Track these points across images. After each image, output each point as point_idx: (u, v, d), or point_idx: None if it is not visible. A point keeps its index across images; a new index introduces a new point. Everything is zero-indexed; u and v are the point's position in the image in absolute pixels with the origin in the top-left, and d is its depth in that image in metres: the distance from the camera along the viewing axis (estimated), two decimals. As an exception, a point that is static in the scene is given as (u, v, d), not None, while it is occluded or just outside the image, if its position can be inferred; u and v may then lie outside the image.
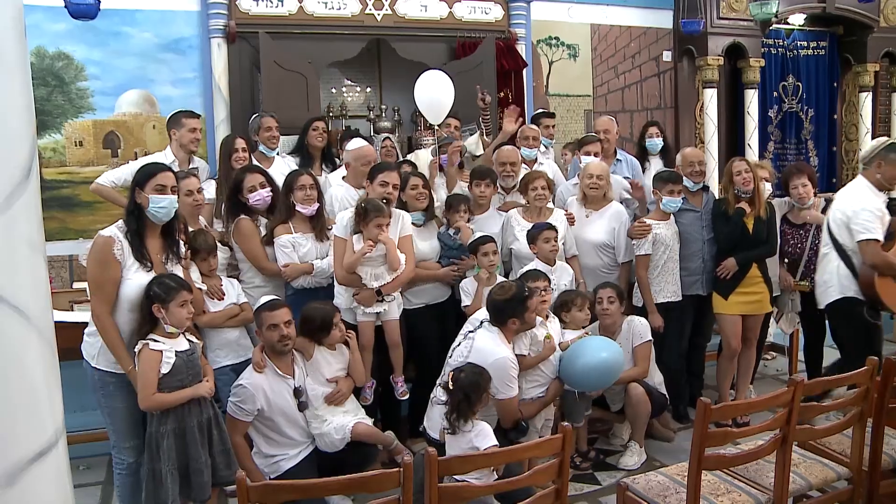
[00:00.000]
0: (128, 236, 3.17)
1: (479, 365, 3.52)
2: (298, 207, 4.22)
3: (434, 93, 4.90)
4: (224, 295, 4.00)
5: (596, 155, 5.17)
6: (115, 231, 3.18)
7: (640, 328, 4.36)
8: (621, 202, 5.08)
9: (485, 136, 5.58)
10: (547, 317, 4.07)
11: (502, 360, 3.65)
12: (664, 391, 4.49)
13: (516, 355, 3.79)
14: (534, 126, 5.53)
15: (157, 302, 3.11)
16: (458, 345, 3.84)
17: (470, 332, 3.83)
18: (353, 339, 3.88)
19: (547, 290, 4.06)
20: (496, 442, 3.25)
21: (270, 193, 4.29)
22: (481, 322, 3.83)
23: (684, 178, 4.82)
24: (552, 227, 4.45)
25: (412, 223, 4.33)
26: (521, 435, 3.73)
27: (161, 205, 3.18)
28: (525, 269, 4.36)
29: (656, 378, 4.46)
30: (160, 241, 3.30)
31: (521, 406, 3.83)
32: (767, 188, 5.03)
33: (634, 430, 4.40)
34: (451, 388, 3.31)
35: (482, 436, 3.26)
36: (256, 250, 4.25)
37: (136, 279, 3.16)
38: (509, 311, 3.74)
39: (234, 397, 3.63)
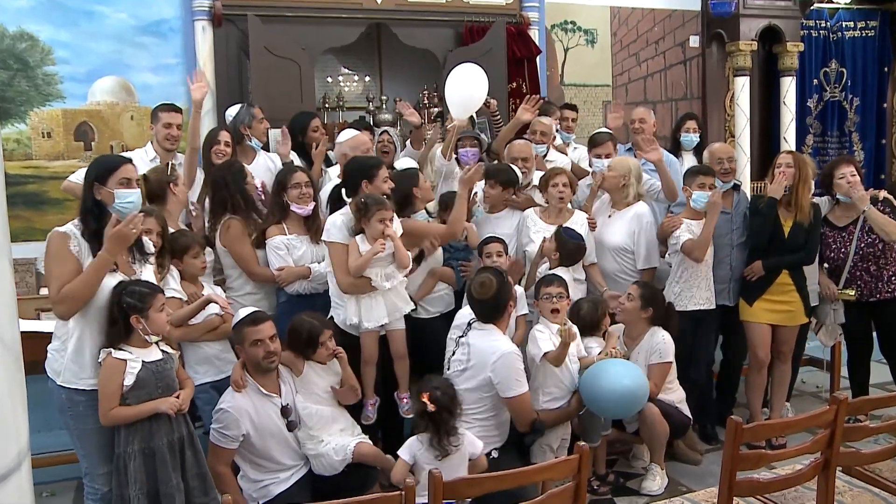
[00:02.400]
0: (85, 236, 3.13)
1: (438, 377, 3.65)
2: (294, 207, 4.24)
3: (470, 88, 4.83)
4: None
5: (608, 157, 5.10)
6: (70, 228, 3.15)
7: (662, 346, 4.31)
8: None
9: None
10: (565, 323, 4.04)
11: (508, 355, 3.72)
12: (687, 410, 4.45)
13: (544, 353, 3.94)
14: (544, 119, 5.48)
15: (133, 312, 3.09)
16: (453, 354, 3.89)
17: (460, 337, 3.89)
18: (343, 355, 3.86)
19: (562, 296, 4.08)
20: (480, 442, 3.50)
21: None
22: (469, 323, 3.89)
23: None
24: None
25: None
26: (538, 435, 3.80)
27: (129, 199, 3.14)
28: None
29: (676, 396, 4.42)
30: None
31: (541, 415, 3.89)
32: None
33: (653, 452, 4.37)
34: (432, 410, 3.33)
35: (471, 443, 3.46)
36: (248, 253, 4.26)
37: (105, 283, 3.12)
38: (500, 306, 3.84)
39: (216, 423, 3.59)
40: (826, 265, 5.05)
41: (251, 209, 4.37)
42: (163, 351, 3.23)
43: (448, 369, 3.89)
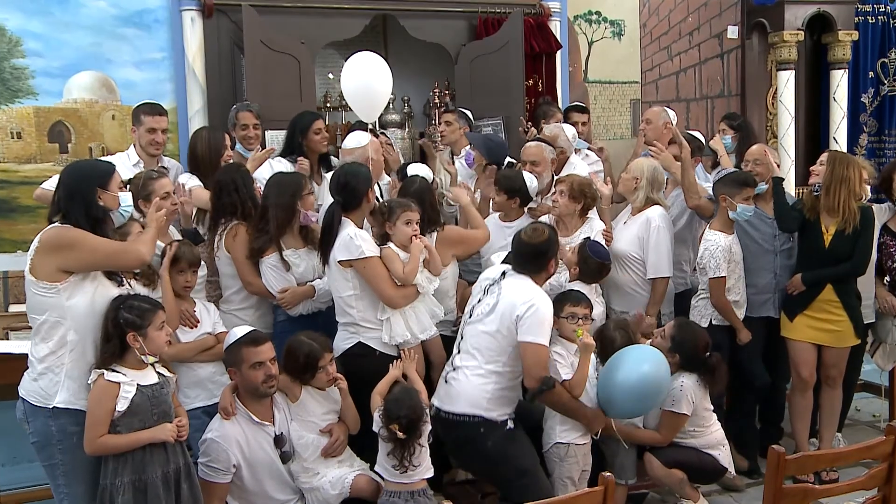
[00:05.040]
0: None
1: (406, 395, 3.68)
2: (311, 216, 4.29)
3: (366, 80, 4.90)
4: (198, 322, 4.01)
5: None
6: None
7: (677, 393, 4.21)
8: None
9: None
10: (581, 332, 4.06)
11: (545, 306, 3.82)
12: (725, 458, 4.35)
13: (563, 380, 3.94)
14: (531, 145, 5.26)
15: (132, 329, 3.11)
16: (479, 301, 3.98)
17: (490, 285, 3.99)
18: (344, 385, 3.89)
19: (587, 318, 4.11)
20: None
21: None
22: (503, 273, 3.99)
23: None
24: None
25: None
26: (546, 388, 3.78)
27: (129, 203, 3.36)
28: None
29: (707, 440, 4.32)
30: None
31: (556, 390, 3.89)
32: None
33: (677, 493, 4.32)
34: (401, 436, 3.55)
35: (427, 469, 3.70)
36: (247, 262, 4.29)
37: (102, 288, 3.22)
38: (545, 256, 3.95)
39: (203, 456, 3.60)
40: (887, 278, 5.01)
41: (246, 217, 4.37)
42: (159, 374, 3.25)
43: (468, 317, 3.97)
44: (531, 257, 3.93)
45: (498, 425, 3.84)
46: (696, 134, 5.57)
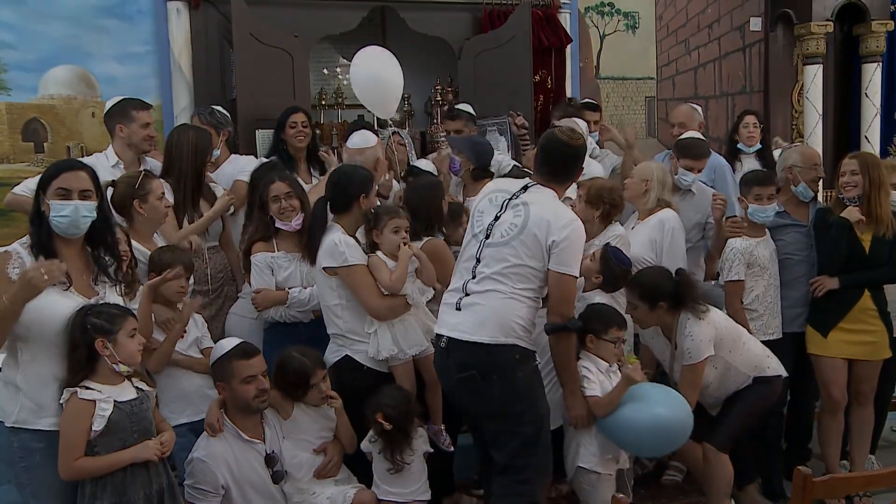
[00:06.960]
0: (33, 251, 3.09)
1: (394, 389, 3.76)
2: (279, 224, 4.27)
3: (378, 75, 4.94)
4: (184, 332, 3.94)
5: (699, 172, 5.09)
6: (16, 247, 3.12)
7: (690, 344, 4.09)
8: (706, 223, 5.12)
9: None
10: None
11: (581, 227, 3.72)
12: (773, 365, 4.25)
13: (589, 396, 3.83)
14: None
15: (100, 335, 3.05)
16: (497, 219, 3.76)
17: (509, 201, 3.77)
18: (338, 404, 3.85)
19: (624, 340, 4.08)
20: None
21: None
22: (525, 187, 3.81)
23: (802, 184, 4.78)
24: None
25: None
26: (570, 328, 3.70)
27: (63, 213, 3.09)
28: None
29: (742, 358, 4.18)
30: (83, 258, 3.24)
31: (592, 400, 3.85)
32: None
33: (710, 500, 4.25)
34: (388, 429, 3.62)
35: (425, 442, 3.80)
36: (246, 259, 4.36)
37: (54, 302, 3.06)
38: (575, 165, 3.86)
39: (189, 478, 3.58)
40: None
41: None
42: (137, 388, 3.20)
43: (489, 237, 3.76)
44: (566, 161, 3.82)
45: (531, 356, 3.75)
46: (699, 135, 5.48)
